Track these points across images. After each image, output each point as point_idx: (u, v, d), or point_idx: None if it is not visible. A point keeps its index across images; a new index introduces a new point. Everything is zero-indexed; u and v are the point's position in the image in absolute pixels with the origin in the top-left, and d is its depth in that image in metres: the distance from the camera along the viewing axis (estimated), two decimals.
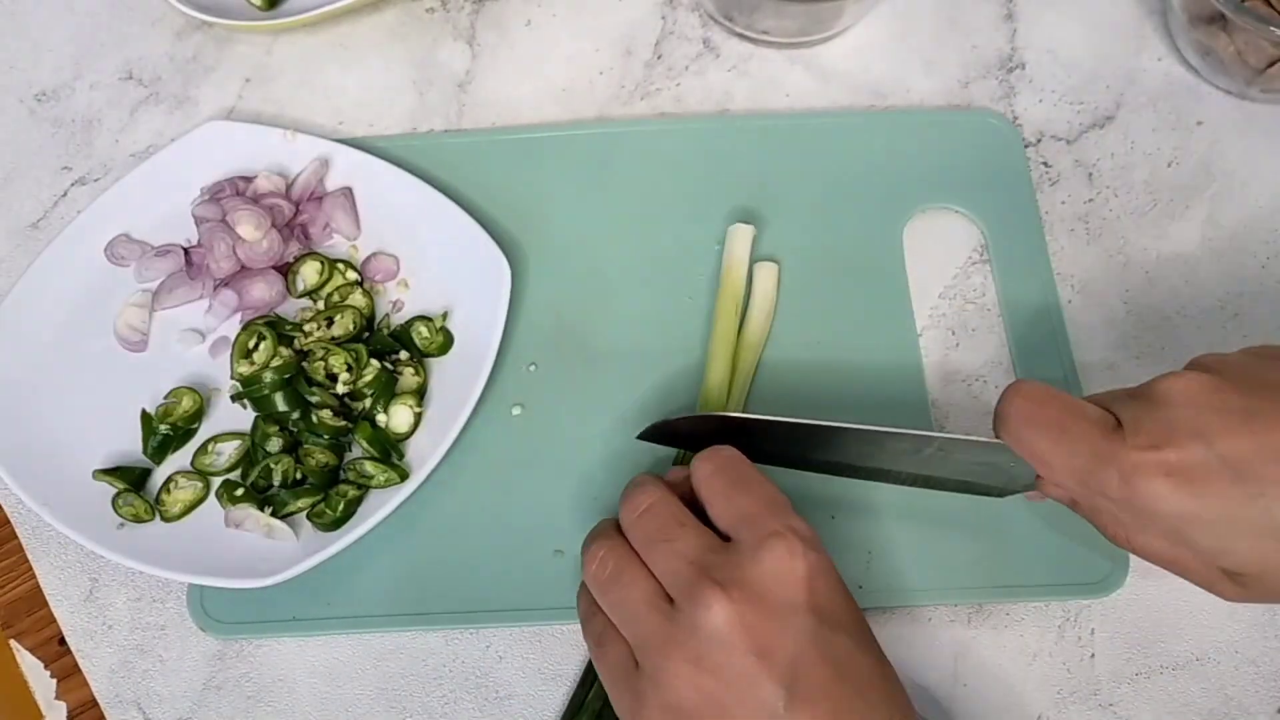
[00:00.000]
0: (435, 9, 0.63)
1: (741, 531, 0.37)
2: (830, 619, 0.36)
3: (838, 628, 0.36)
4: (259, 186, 0.55)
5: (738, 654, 0.35)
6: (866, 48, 0.61)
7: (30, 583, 0.51)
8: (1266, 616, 0.47)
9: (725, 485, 0.39)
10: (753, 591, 0.35)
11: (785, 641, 0.35)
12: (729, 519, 0.38)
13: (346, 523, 0.47)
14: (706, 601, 0.35)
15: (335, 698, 0.47)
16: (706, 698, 0.35)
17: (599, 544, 0.40)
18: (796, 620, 0.35)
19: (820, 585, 0.36)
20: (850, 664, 0.36)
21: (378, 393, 0.50)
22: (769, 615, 0.35)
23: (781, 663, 0.35)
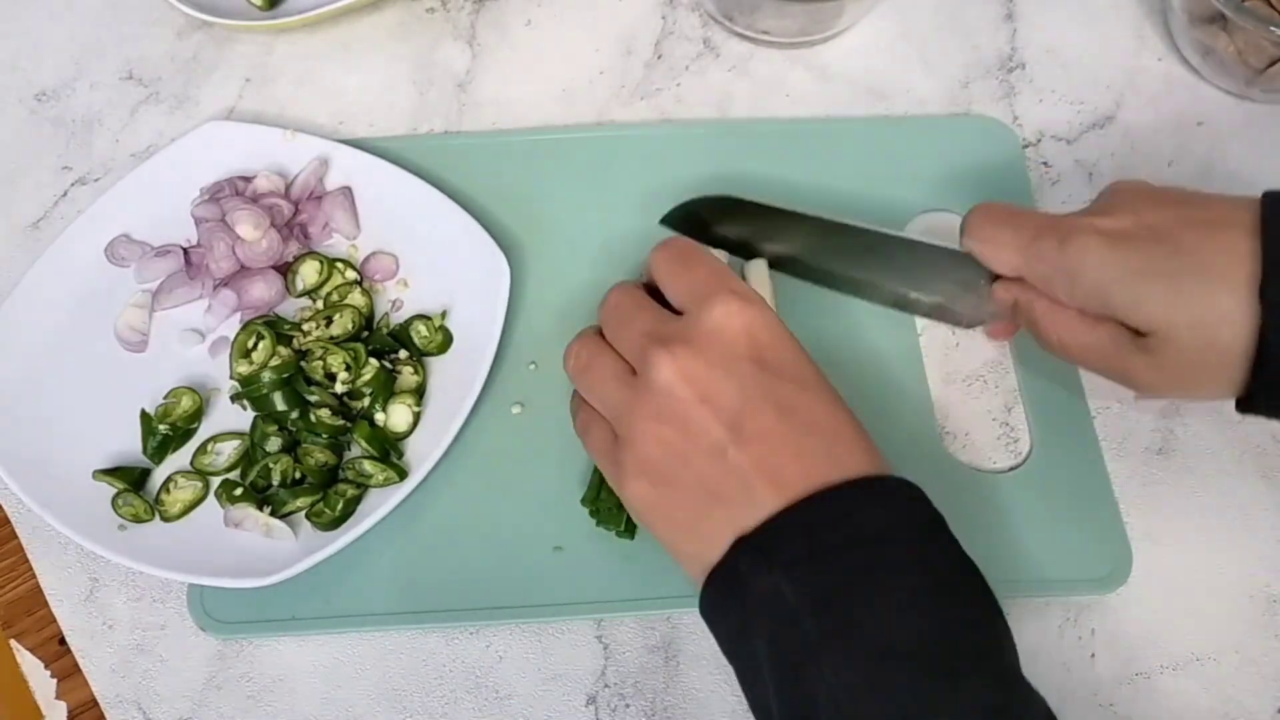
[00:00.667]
0: (435, 9, 0.63)
1: (688, 302, 0.41)
2: (772, 367, 0.39)
3: (780, 375, 0.39)
4: (258, 186, 0.55)
5: (687, 404, 0.38)
6: (867, 48, 0.61)
7: (30, 583, 0.51)
8: (1266, 617, 0.47)
9: (675, 265, 0.42)
10: (696, 347, 0.39)
11: (728, 388, 0.38)
12: (678, 295, 0.42)
13: (345, 522, 0.47)
14: (655, 362, 0.39)
15: (335, 697, 0.47)
16: (668, 447, 0.39)
17: (576, 343, 0.44)
18: (738, 368, 0.38)
19: (762, 337, 0.39)
20: (793, 406, 0.38)
21: (376, 392, 0.50)
22: (711, 365, 0.38)
23: (726, 407, 0.38)
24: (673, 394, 0.38)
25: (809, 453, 0.37)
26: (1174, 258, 0.39)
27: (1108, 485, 0.49)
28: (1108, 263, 0.40)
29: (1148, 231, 0.40)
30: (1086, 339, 0.43)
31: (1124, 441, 0.50)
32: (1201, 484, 0.50)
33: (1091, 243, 0.41)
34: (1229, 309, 0.38)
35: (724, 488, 0.38)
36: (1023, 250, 0.43)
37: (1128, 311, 0.40)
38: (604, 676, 0.47)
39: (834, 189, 0.55)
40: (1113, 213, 0.42)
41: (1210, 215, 0.39)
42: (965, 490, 0.48)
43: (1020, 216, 0.44)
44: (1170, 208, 0.41)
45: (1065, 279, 0.42)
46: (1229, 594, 0.48)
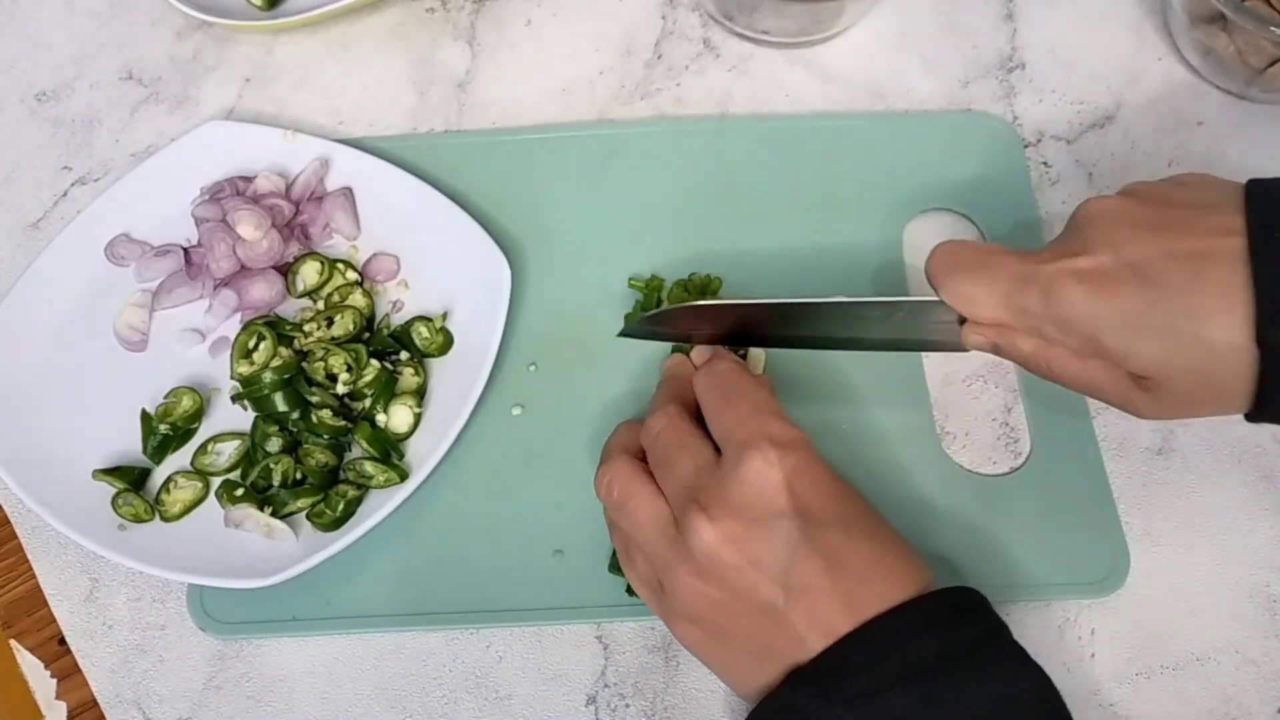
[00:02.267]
0: (435, 9, 0.63)
1: (727, 446, 0.40)
2: (815, 517, 0.38)
3: (824, 524, 0.38)
4: (259, 186, 0.55)
5: (731, 567, 0.38)
6: (867, 47, 0.61)
7: (30, 583, 0.51)
8: (1266, 617, 0.47)
9: (717, 400, 0.42)
10: (735, 507, 0.38)
11: (773, 548, 0.37)
12: (719, 432, 0.41)
13: (346, 523, 0.47)
14: (694, 526, 0.38)
15: (335, 698, 0.47)
16: (715, 604, 0.38)
17: (606, 469, 0.43)
18: (780, 526, 0.38)
19: (800, 486, 0.38)
20: (841, 553, 0.38)
21: (377, 393, 0.50)
22: (753, 526, 0.38)
23: (773, 567, 0.37)
24: (717, 558, 0.38)
25: (858, 596, 0.37)
26: (1163, 303, 0.36)
27: (1107, 486, 0.49)
28: (1097, 314, 0.38)
29: (1131, 272, 0.37)
30: (1082, 375, 0.41)
31: (1123, 442, 0.50)
32: (1201, 484, 0.50)
33: (1076, 294, 0.38)
34: (1226, 354, 0.36)
35: (775, 640, 0.38)
36: (1003, 304, 0.40)
37: (1123, 359, 0.38)
38: (604, 676, 0.47)
39: (834, 186, 0.55)
40: (1089, 248, 0.38)
41: (1196, 245, 0.36)
42: (965, 492, 0.49)
43: (989, 264, 0.41)
44: (1150, 237, 0.37)
45: (1055, 328, 0.39)
46: (1229, 594, 0.48)
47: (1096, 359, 0.39)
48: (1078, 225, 0.40)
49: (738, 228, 0.54)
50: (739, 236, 0.54)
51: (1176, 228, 0.37)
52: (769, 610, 0.37)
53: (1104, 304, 0.38)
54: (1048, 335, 0.40)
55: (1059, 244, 0.40)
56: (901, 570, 0.38)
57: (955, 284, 0.41)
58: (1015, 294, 0.40)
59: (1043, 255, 0.40)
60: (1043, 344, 0.41)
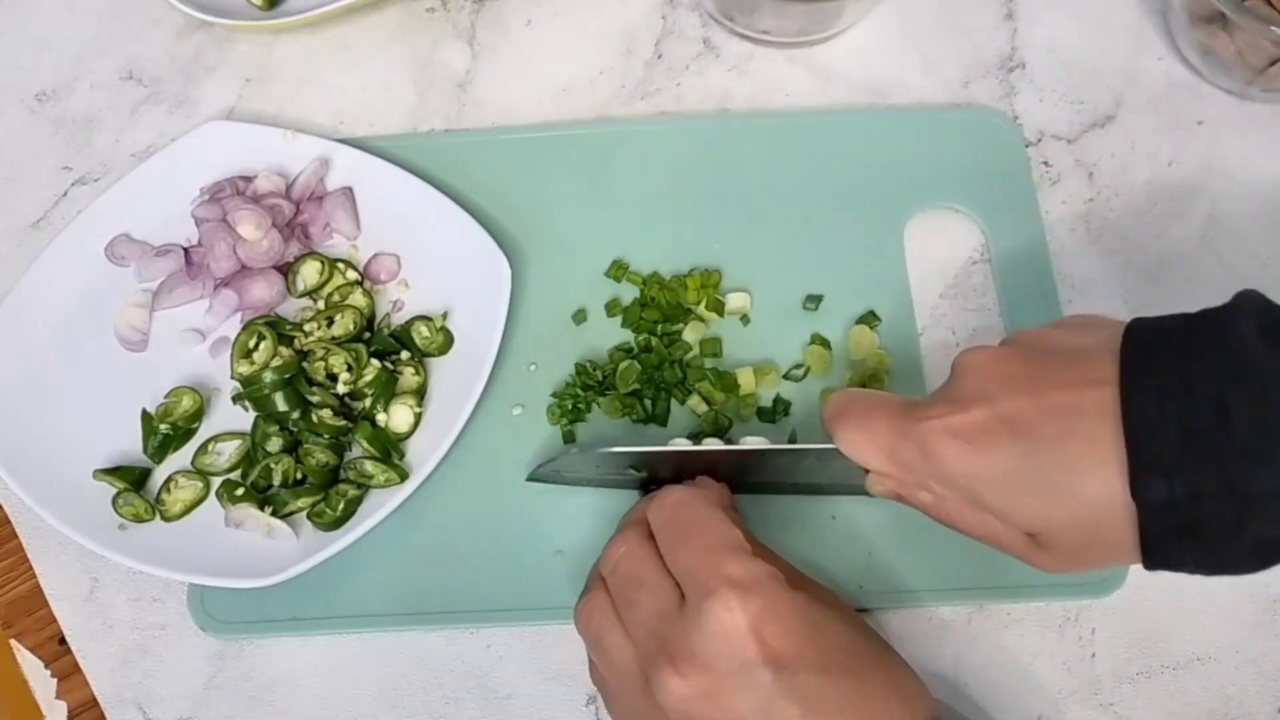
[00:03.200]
0: (435, 9, 0.63)
1: (688, 589, 0.38)
2: (788, 663, 0.36)
3: (798, 668, 0.36)
4: (259, 186, 0.55)
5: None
6: (867, 47, 0.61)
7: (30, 582, 0.51)
8: (1267, 617, 0.47)
9: (670, 538, 0.40)
10: (703, 661, 0.36)
11: (747, 701, 0.36)
12: (678, 574, 0.39)
13: (347, 522, 0.47)
14: (664, 682, 0.36)
15: (335, 698, 0.47)
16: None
17: (585, 602, 0.41)
18: (752, 677, 0.36)
19: (769, 632, 0.36)
20: (819, 697, 0.36)
21: (378, 392, 0.50)
22: (723, 680, 0.36)
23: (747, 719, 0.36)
24: (689, 715, 0.36)
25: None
26: (1037, 457, 0.35)
27: None
28: (973, 472, 0.37)
29: (1005, 427, 0.36)
30: (980, 528, 0.39)
31: None
32: None
33: (950, 451, 0.37)
34: (1104, 509, 0.34)
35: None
36: (886, 457, 0.39)
37: (1005, 516, 0.37)
38: None
39: (835, 185, 0.55)
40: (965, 404, 0.37)
41: (1065, 398, 0.35)
42: None
43: (870, 415, 0.40)
44: (1023, 391, 0.36)
45: (941, 485, 0.38)
46: (1229, 594, 0.48)
47: (988, 513, 0.38)
48: (955, 375, 0.39)
49: (738, 227, 0.54)
50: (739, 235, 0.54)
51: (1048, 379, 0.36)
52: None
53: (979, 461, 0.36)
54: (934, 490, 0.39)
55: (941, 393, 0.39)
56: (887, 699, 0.37)
57: (843, 434, 0.41)
58: (896, 449, 0.39)
59: (922, 409, 0.39)
60: (937, 498, 0.39)
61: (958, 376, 0.39)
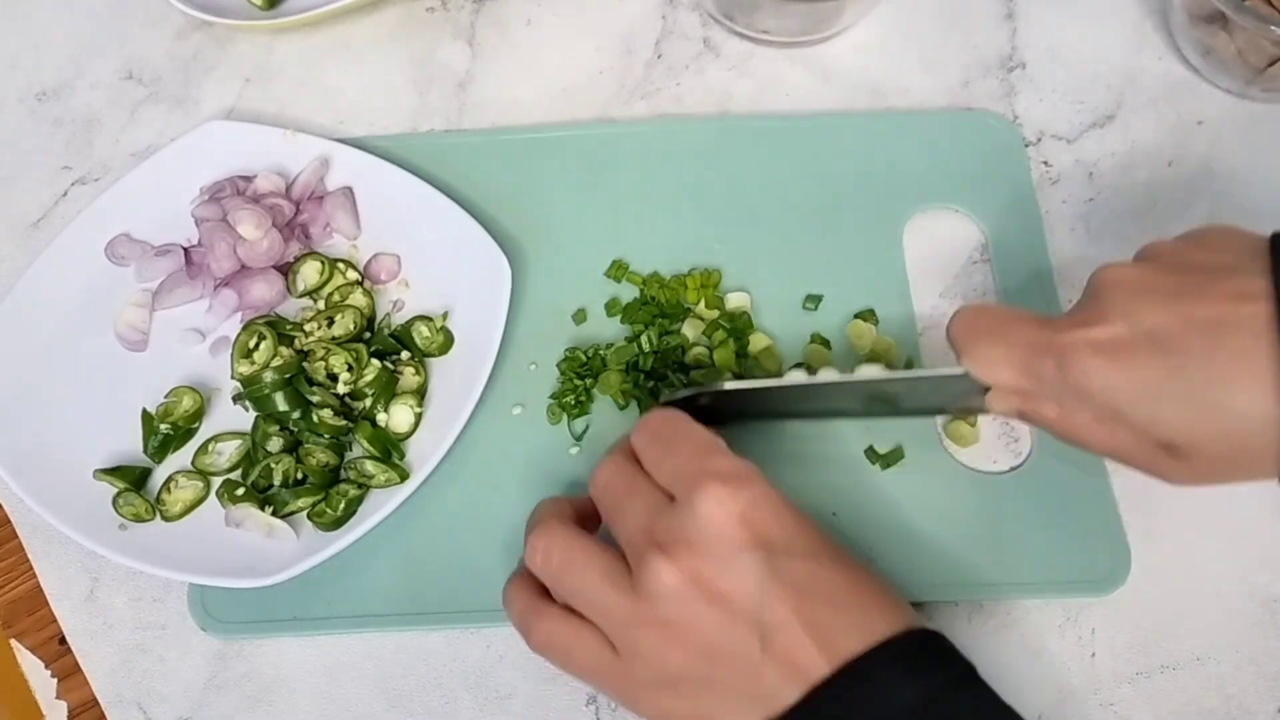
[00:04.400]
0: (435, 9, 0.63)
1: (677, 489, 0.38)
2: (779, 548, 0.37)
3: (790, 554, 0.37)
4: (259, 186, 0.55)
5: (699, 608, 0.36)
6: (867, 47, 0.61)
7: (31, 582, 0.51)
8: (1266, 617, 0.47)
9: (658, 451, 0.40)
10: (696, 547, 0.37)
11: (739, 584, 0.36)
12: (666, 481, 0.39)
13: (347, 522, 0.47)
14: (655, 568, 0.37)
15: (335, 697, 0.47)
16: (689, 659, 0.37)
17: (538, 535, 0.41)
18: (743, 560, 0.36)
19: (758, 519, 0.37)
20: (808, 584, 0.37)
21: (378, 392, 0.50)
22: (717, 563, 0.36)
23: (743, 604, 0.36)
24: (683, 600, 0.36)
25: (834, 628, 0.36)
26: (1184, 373, 0.36)
27: (1107, 485, 0.49)
28: (1116, 386, 0.37)
29: (1149, 342, 0.36)
30: (1108, 442, 0.39)
31: None
32: None
33: (1092, 365, 0.37)
34: (1252, 421, 0.35)
35: (762, 680, 0.36)
36: (1021, 371, 0.40)
37: (1147, 429, 0.37)
38: None
39: (835, 185, 0.55)
40: (1105, 318, 0.38)
41: (1215, 312, 0.36)
42: (965, 491, 0.49)
43: (1007, 328, 0.40)
44: (1167, 305, 0.37)
45: (1074, 403, 0.39)
46: (1229, 594, 0.48)
47: (1121, 426, 0.38)
48: (1094, 292, 0.39)
49: (738, 227, 0.54)
50: (739, 236, 0.54)
51: (1195, 294, 0.36)
52: (742, 656, 0.36)
53: (1122, 375, 0.37)
54: (1067, 404, 0.39)
55: (1077, 311, 0.40)
56: (875, 600, 0.37)
57: (975, 349, 0.41)
58: (1033, 363, 0.39)
59: (1060, 323, 0.39)
60: (1065, 411, 0.40)
61: (1097, 293, 0.39)
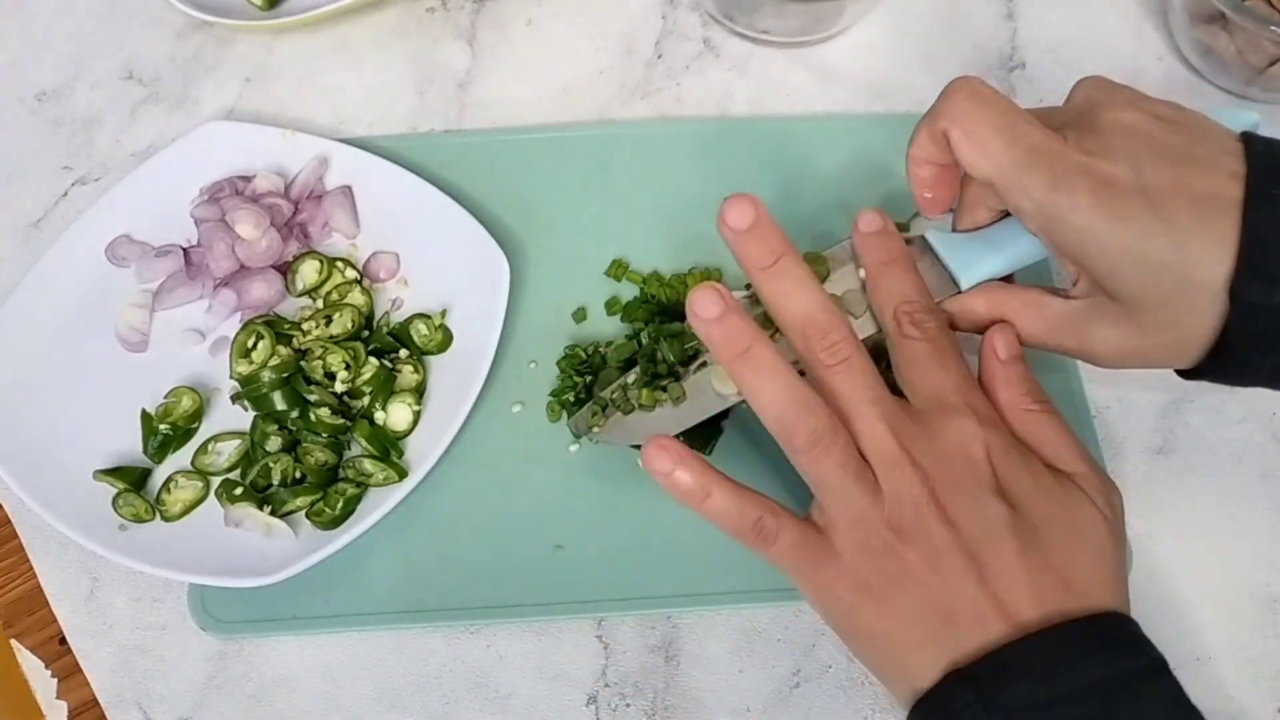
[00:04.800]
0: (435, 9, 0.63)
1: (931, 405, 0.39)
2: (1014, 499, 0.37)
3: (1021, 507, 0.37)
4: (258, 186, 0.55)
5: (933, 526, 0.37)
6: (867, 47, 0.61)
7: (31, 582, 0.51)
8: (1267, 617, 0.47)
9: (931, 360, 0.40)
10: (944, 466, 0.37)
11: (975, 516, 0.37)
12: (924, 391, 0.40)
13: (346, 521, 0.47)
14: (905, 476, 0.37)
15: (335, 697, 0.47)
16: (903, 565, 0.37)
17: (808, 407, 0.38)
18: (983, 497, 0.37)
19: (1003, 466, 0.38)
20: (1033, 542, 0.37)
21: (376, 391, 0.50)
22: (959, 489, 0.37)
23: (972, 535, 0.36)
24: (919, 511, 0.37)
25: (1046, 591, 0.36)
26: (1165, 238, 0.36)
27: None
28: (1096, 226, 0.37)
29: (1143, 197, 0.36)
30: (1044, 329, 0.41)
31: (1124, 441, 0.50)
32: (1201, 484, 0.50)
33: (1084, 197, 0.37)
34: (1202, 299, 0.36)
35: (956, 615, 0.36)
36: (1007, 171, 0.38)
37: (1102, 275, 0.38)
38: (604, 676, 0.47)
39: (835, 186, 0.55)
40: (1111, 155, 0.37)
41: (1209, 187, 0.36)
42: None
43: (1017, 127, 0.39)
44: (1170, 167, 0.36)
45: (1043, 219, 0.38)
46: (1229, 594, 0.48)
47: (1074, 265, 0.39)
48: (1099, 128, 0.38)
49: None
50: None
51: (1193, 164, 0.36)
52: (957, 579, 0.36)
53: (1108, 219, 0.36)
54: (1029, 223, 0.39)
55: (1078, 135, 0.38)
56: (1091, 576, 0.37)
57: (977, 133, 0.39)
58: (1024, 169, 0.38)
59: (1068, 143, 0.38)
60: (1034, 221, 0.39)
61: (1103, 130, 0.38)
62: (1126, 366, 0.41)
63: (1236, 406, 0.51)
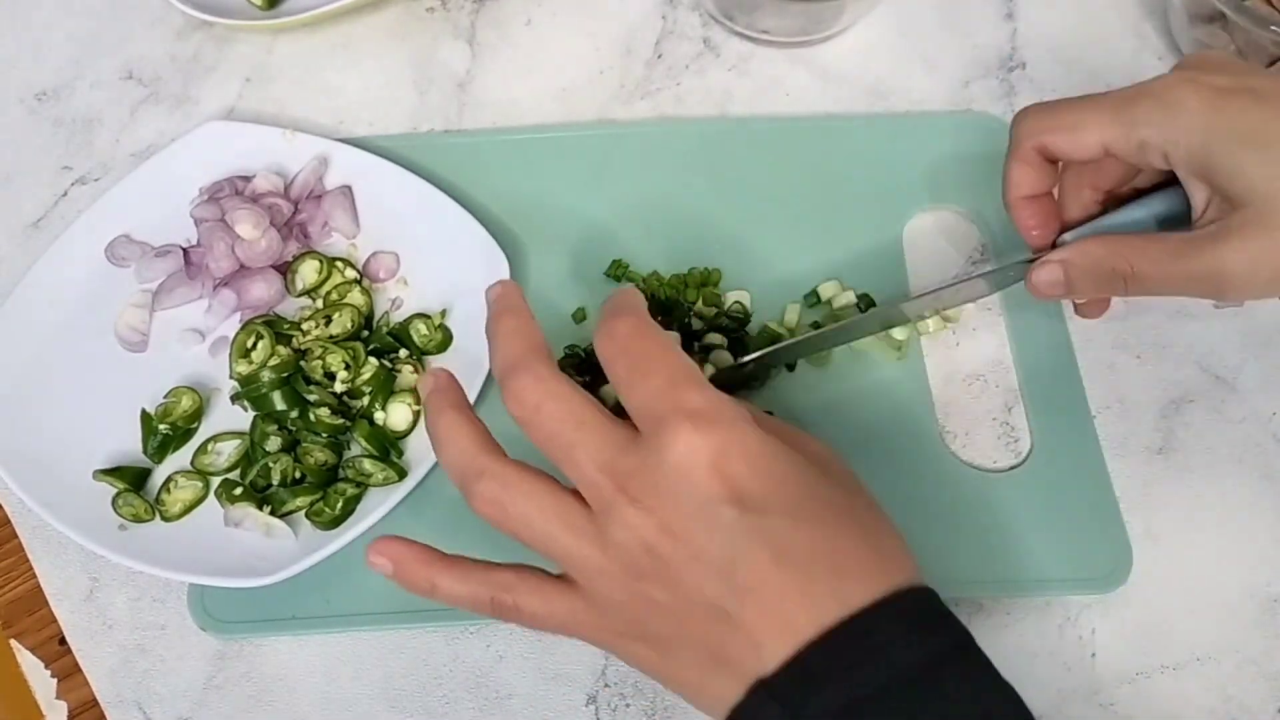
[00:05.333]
0: (435, 9, 0.63)
1: (645, 424, 0.35)
2: (754, 504, 0.33)
3: (766, 510, 0.33)
4: (257, 186, 0.55)
5: (669, 562, 0.33)
6: (867, 47, 0.61)
7: (30, 582, 0.51)
8: (1267, 617, 0.47)
9: (626, 371, 0.36)
10: (665, 494, 0.33)
11: (712, 540, 0.33)
12: (633, 409, 0.35)
13: (345, 521, 0.47)
14: (625, 519, 0.33)
15: (335, 697, 0.47)
16: (657, 609, 0.34)
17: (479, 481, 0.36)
18: (716, 514, 0.33)
19: (732, 470, 0.33)
20: (786, 546, 0.33)
21: (376, 391, 0.50)
22: (688, 515, 0.33)
23: (718, 561, 0.33)
24: (653, 552, 0.33)
25: (815, 593, 0.33)
26: (1272, 124, 0.37)
27: (1108, 485, 0.49)
28: (1211, 125, 0.38)
29: (1249, 93, 0.38)
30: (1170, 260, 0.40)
31: (1124, 441, 0.50)
32: (1201, 484, 0.50)
33: (1192, 100, 0.39)
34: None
35: (730, 646, 0.33)
36: (1113, 118, 0.41)
37: (1228, 179, 0.38)
38: (604, 676, 0.47)
39: (834, 186, 0.55)
40: (1210, 70, 0.40)
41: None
42: (966, 489, 0.48)
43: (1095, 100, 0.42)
44: (1269, 75, 0.39)
45: (1162, 139, 0.39)
46: (1229, 594, 0.48)
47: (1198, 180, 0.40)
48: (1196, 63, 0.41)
49: (737, 227, 0.54)
50: (739, 236, 0.54)
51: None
52: (717, 613, 0.33)
53: (1220, 115, 0.38)
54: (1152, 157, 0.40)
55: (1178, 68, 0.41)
56: (862, 566, 0.34)
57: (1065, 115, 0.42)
58: (1128, 106, 0.40)
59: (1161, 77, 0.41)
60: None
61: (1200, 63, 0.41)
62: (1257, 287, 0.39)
63: (1236, 406, 0.51)
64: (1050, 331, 0.52)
